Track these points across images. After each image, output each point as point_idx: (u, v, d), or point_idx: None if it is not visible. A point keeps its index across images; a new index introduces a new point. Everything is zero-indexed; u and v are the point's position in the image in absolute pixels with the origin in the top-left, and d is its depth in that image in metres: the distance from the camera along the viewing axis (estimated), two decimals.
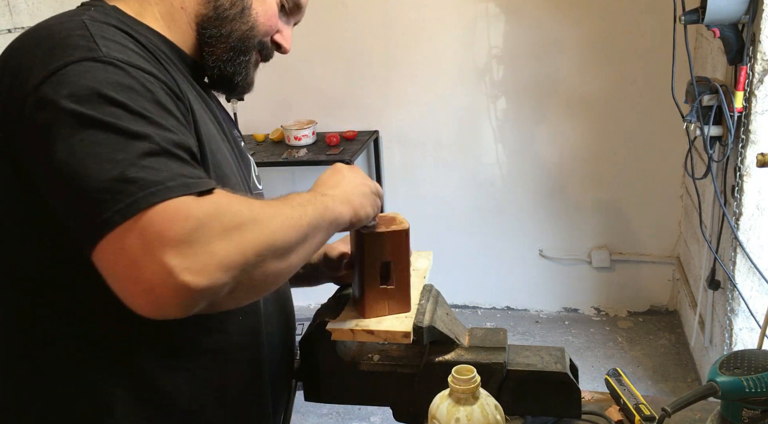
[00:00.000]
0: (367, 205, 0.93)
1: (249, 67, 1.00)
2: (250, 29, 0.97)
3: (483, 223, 3.45)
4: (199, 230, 0.69)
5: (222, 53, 0.97)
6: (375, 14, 3.24)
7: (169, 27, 0.94)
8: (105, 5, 0.91)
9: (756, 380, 0.89)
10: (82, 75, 0.74)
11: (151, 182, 0.69)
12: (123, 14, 0.90)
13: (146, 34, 0.90)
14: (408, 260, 1.01)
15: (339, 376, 1.05)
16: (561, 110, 3.22)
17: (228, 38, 0.96)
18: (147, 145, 0.72)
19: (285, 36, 1.04)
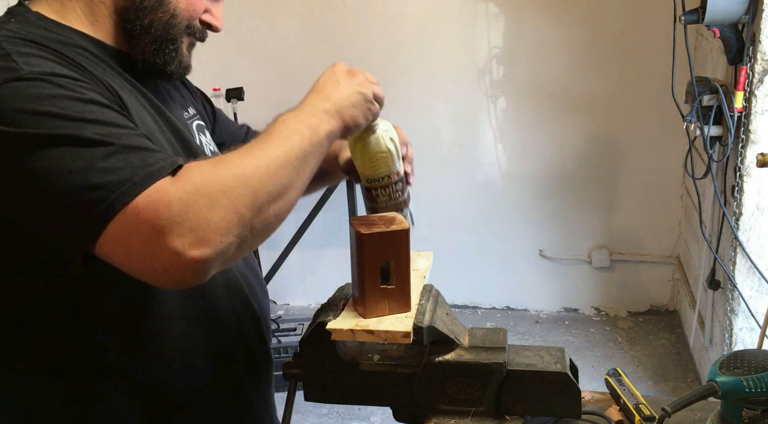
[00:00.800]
0: (358, 115, 0.95)
1: (180, 53, 0.98)
2: (172, 17, 0.94)
3: (483, 223, 3.45)
4: (186, 208, 0.72)
5: (147, 45, 0.95)
6: (375, 14, 3.24)
7: (92, 23, 0.93)
8: (27, 12, 0.90)
9: (756, 380, 0.89)
10: (13, 98, 0.75)
11: (118, 182, 0.72)
12: (45, 19, 0.89)
13: (69, 35, 0.89)
14: (408, 260, 1.01)
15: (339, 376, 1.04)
16: (561, 110, 3.22)
17: (150, 29, 0.93)
18: (101, 148, 0.74)
19: (215, 14, 1.01)
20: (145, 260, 0.73)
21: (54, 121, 0.74)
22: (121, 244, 0.73)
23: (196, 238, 0.71)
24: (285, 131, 0.84)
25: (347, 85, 0.96)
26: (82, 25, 0.92)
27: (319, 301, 1.10)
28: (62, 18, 0.91)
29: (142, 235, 0.71)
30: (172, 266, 0.72)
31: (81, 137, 0.74)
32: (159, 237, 0.71)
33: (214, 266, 0.74)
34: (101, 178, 0.72)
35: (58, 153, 0.73)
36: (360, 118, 0.96)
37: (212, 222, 0.72)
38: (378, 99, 1.00)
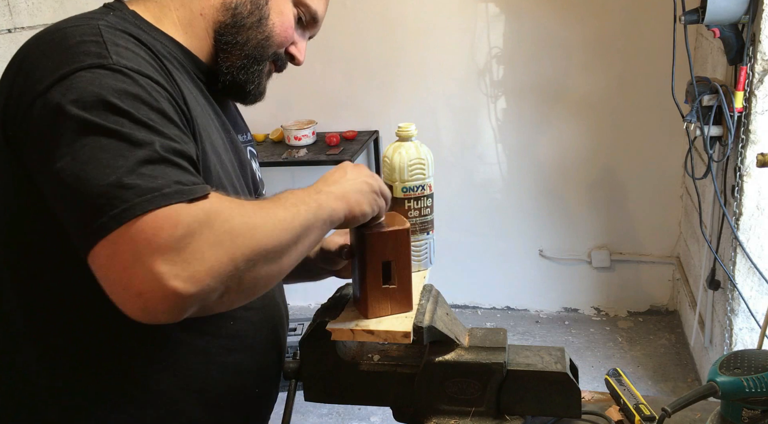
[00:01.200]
0: (363, 202, 0.93)
1: (262, 76, 1.02)
2: (266, 39, 0.98)
3: (483, 223, 3.45)
4: (189, 236, 0.70)
5: (236, 60, 0.98)
6: (375, 14, 3.24)
7: (186, 33, 0.95)
8: (125, 9, 0.92)
9: (756, 380, 0.89)
10: (90, 82, 0.76)
11: (147, 189, 0.71)
12: (140, 20, 0.92)
13: (161, 40, 0.91)
14: (409, 259, 1.01)
15: (339, 376, 1.05)
16: (561, 110, 3.22)
17: (244, 46, 0.97)
18: (146, 152, 0.73)
19: (299, 48, 1.06)
20: (125, 275, 0.69)
21: (115, 116, 0.74)
22: (112, 252, 0.70)
23: (185, 270, 0.69)
24: (293, 199, 0.84)
25: (354, 176, 0.95)
26: (176, 33, 0.94)
27: (319, 301, 1.10)
28: (158, 22, 0.93)
29: (135, 247, 0.69)
30: (148, 292, 0.69)
31: (131, 137, 0.74)
32: (149, 256, 0.68)
33: (191, 307, 0.71)
34: (133, 180, 0.71)
35: (105, 144, 0.73)
36: (365, 206, 0.93)
37: (207, 261, 0.70)
38: (384, 195, 0.98)
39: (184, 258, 0.69)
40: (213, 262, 0.70)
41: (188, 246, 0.69)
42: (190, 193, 0.73)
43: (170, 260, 0.68)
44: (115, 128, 0.74)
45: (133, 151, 0.73)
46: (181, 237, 0.69)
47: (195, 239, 0.70)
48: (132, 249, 0.69)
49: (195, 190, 0.74)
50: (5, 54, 2.49)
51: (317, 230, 0.86)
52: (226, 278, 0.72)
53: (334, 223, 0.89)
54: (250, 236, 0.74)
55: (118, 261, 0.70)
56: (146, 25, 0.92)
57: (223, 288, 0.72)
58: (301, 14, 1.03)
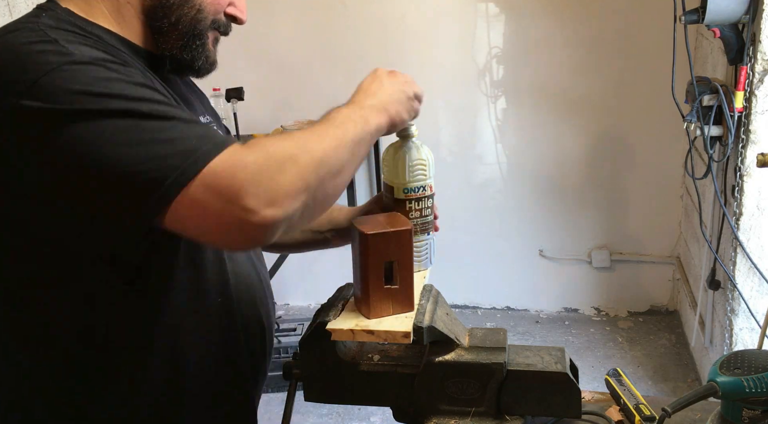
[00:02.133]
0: (402, 111, 1.00)
1: (207, 49, 0.99)
2: (198, 12, 0.95)
3: (483, 223, 3.45)
4: (260, 171, 0.76)
5: (176, 41, 0.96)
6: (375, 14, 3.24)
7: (118, 23, 0.94)
8: (57, 8, 0.91)
9: (756, 380, 0.89)
10: (70, 80, 0.76)
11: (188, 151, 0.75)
12: (74, 16, 0.90)
13: (99, 33, 0.90)
14: (411, 260, 1.01)
15: (339, 376, 1.04)
16: (561, 110, 3.22)
17: (177, 25, 0.95)
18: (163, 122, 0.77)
19: (239, 7, 1.02)
20: (222, 219, 0.76)
21: (112, 100, 0.76)
22: (197, 206, 0.75)
23: (269, 198, 0.75)
24: (340, 118, 0.89)
25: (390, 84, 1.00)
26: (109, 24, 0.93)
27: (319, 301, 1.10)
28: (89, 16, 0.92)
29: (221, 195, 0.74)
30: (247, 225, 0.75)
31: (140, 111, 0.77)
32: (236, 197, 0.74)
33: (281, 227, 0.78)
34: (168, 149, 0.75)
35: (121, 126, 0.75)
36: (404, 114, 1.01)
37: (283, 186, 0.76)
38: (419, 97, 1.05)
39: (264, 189, 0.75)
40: (287, 186, 0.77)
41: (263, 178, 0.76)
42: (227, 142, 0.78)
43: (254, 194, 0.75)
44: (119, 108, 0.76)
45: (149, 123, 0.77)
46: (254, 172, 0.75)
47: (265, 171, 0.76)
48: (216, 195, 0.75)
49: (229, 140, 0.79)
50: None
51: (366, 144, 0.91)
52: (303, 195, 0.79)
53: (380, 133, 0.96)
54: (310, 156, 0.80)
55: (208, 208, 0.75)
56: (80, 20, 0.90)
57: (302, 206, 0.79)
58: None
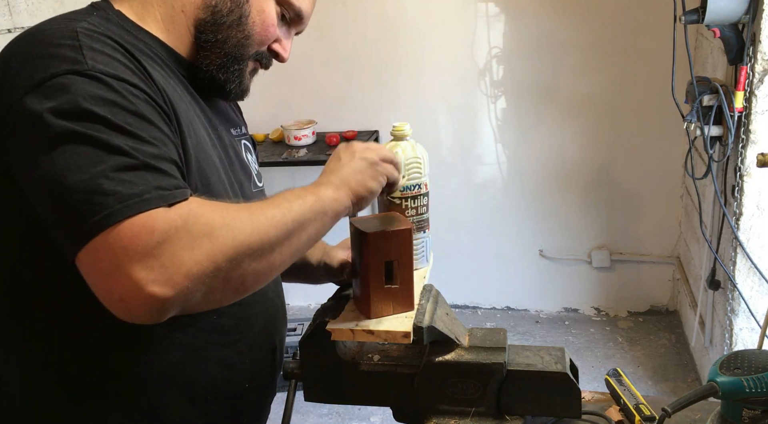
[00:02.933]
0: (366, 180, 0.94)
1: (243, 75, 1.00)
2: (246, 38, 0.97)
3: (483, 223, 3.45)
4: (166, 242, 0.71)
5: (216, 59, 0.97)
6: (375, 14, 3.24)
7: (168, 30, 0.95)
8: (109, 9, 0.92)
9: (756, 380, 0.89)
10: (66, 89, 0.76)
11: (128, 195, 0.72)
12: (125, 19, 0.92)
13: (144, 38, 0.92)
14: (411, 259, 1.01)
15: (339, 376, 1.04)
16: (561, 110, 3.22)
17: (223, 44, 0.96)
18: (125, 159, 0.74)
19: (284, 46, 1.03)
20: (106, 281, 0.72)
21: (92, 123, 0.75)
22: (94, 258, 0.72)
23: (163, 275, 0.70)
24: (287, 195, 0.85)
25: (348, 157, 0.96)
26: (159, 31, 0.94)
27: (319, 301, 1.10)
28: (141, 20, 0.93)
29: (114, 254, 0.71)
30: (129, 297, 0.71)
31: (109, 143, 0.75)
32: (127, 263, 0.70)
33: (172, 308, 0.73)
34: (113, 186, 0.72)
35: (83, 151, 0.74)
36: (369, 182, 0.94)
37: (185, 264, 0.72)
38: (386, 159, 0.99)
39: (161, 263, 0.71)
40: (191, 265, 0.72)
41: (165, 251, 0.71)
42: (171, 198, 0.74)
43: (148, 265, 0.70)
44: (92, 134, 0.74)
45: (111, 158, 0.74)
46: (158, 243, 0.71)
47: (172, 244, 0.71)
48: (111, 256, 0.71)
49: (175, 195, 0.75)
50: None
51: (316, 223, 0.86)
52: (207, 278, 0.73)
53: (340, 212, 0.90)
54: (232, 235, 0.75)
55: (100, 267, 0.72)
56: (130, 24, 0.92)
57: (204, 288, 0.74)
58: (284, 12, 1.01)
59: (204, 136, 0.95)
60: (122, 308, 0.73)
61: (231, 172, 1.02)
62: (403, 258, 0.99)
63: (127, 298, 0.71)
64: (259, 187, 1.12)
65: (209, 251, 0.73)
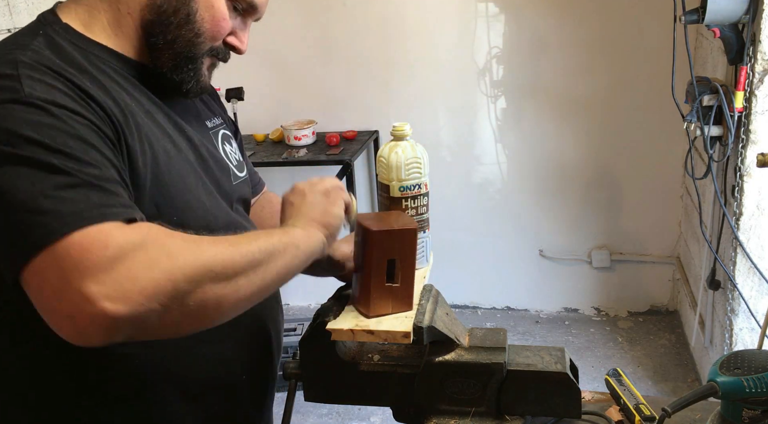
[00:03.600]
0: (328, 207, 0.94)
1: (199, 73, 0.98)
2: (196, 36, 0.94)
3: (483, 223, 3.45)
4: (121, 258, 0.69)
5: (168, 60, 0.94)
6: (375, 14, 3.24)
7: (116, 35, 0.93)
8: (57, 23, 0.91)
9: (756, 380, 0.89)
10: (3, 118, 0.75)
11: (67, 213, 0.70)
12: (72, 33, 0.90)
13: (94, 50, 0.90)
14: (414, 259, 1.01)
15: (339, 376, 1.04)
16: (561, 110, 3.22)
17: (173, 45, 0.93)
18: (65, 177, 0.73)
19: (240, 38, 1.00)
20: (54, 298, 0.69)
21: (30, 146, 0.74)
22: (40, 277, 0.69)
23: (116, 291, 0.67)
24: (252, 233, 0.85)
25: (299, 199, 0.96)
26: (107, 38, 0.93)
27: (319, 301, 1.10)
28: (88, 29, 0.92)
29: (62, 270, 0.68)
30: (79, 314, 0.67)
31: (48, 164, 0.73)
32: (78, 278, 0.67)
33: (124, 329, 0.69)
34: (51, 206, 0.71)
35: (22, 173, 0.72)
36: (331, 208, 0.95)
37: (141, 281, 0.68)
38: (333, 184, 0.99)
39: (114, 278, 0.67)
40: (147, 282, 0.69)
41: (119, 266, 0.68)
42: (117, 216, 0.73)
43: (100, 280, 0.67)
44: (30, 156, 0.73)
45: (49, 177, 0.73)
46: (112, 258, 0.68)
47: (128, 260, 0.69)
48: (59, 272, 0.68)
49: (122, 213, 0.73)
50: None
51: (287, 256, 0.84)
52: (165, 298, 0.70)
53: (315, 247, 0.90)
54: (192, 256, 0.73)
55: (46, 285, 0.69)
56: (77, 37, 0.90)
57: (161, 309, 0.70)
58: (235, 3, 0.97)
59: (168, 143, 0.93)
60: (70, 327, 0.69)
61: (204, 173, 1.00)
62: (406, 258, 0.99)
63: (76, 315, 0.67)
64: (241, 178, 1.11)
65: (168, 269, 0.70)
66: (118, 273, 0.68)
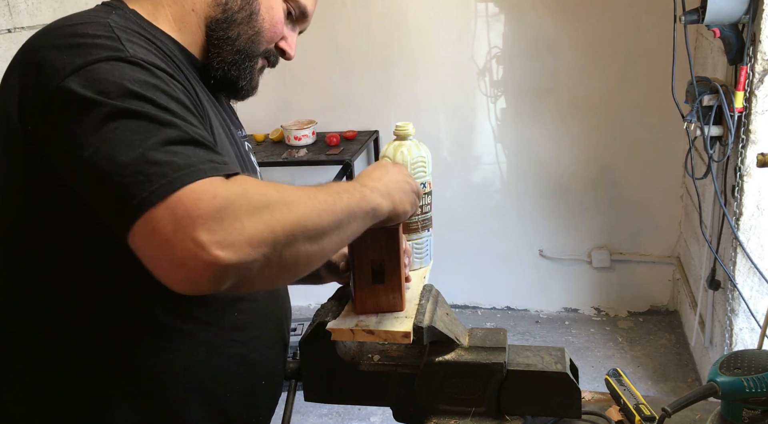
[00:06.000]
0: (406, 201, 0.93)
1: (254, 72, 1.03)
2: (256, 34, 0.99)
3: (483, 223, 3.45)
4: (228, 207, 0.70)
5: (228, 56, 0.99)
6: (375, 14, 3.24)
7: (180, 29, 0.96)
8: (125, 8, 0.93)
9: (756, 380, 0.89)
10: (111, 72, 0.77)
11: (183, 165, 0.72)
12: (140, 18, 0.93)
13: (161, 38, 0.93)
14: (399, 259, 1.00)
15: (339, 376, 1.05)
16: (561, 110, 3.22)
17: (235, 42, 0.98)
18: (176, 132, 0.75)
19: (290, 43, 1.06)
20: (167, 247, 0.70)
21: (139, 102, 0.75)
22: (153, 225, 0.70)
23: (226, 239, 0.69)
24: (337, 187, 0.84)
25: (395, 174, 0.95)
26: (171, 30, 0.96)
27: (319, 301, 1.11)
28: (153, 19, 0.94)
29: (176, 222, 0.69)
30: (192, 261, 0.69)
31: (158, 118, 0.75)
32: (190, 226, 0.69)
33: (231, 276, 0.71)
34: (168, 157, 0.72)
35: (134, 127, 0.74)
36: (407, 206, 0.94)
37: (247, 230, 0.70)
38: (418, 194, 0.99)
39: (224, 227, 0.69)
40: (253, 231, 0.71)
41: (228, 216, 0.70)
42: (225, 170, 0.75)
43: (210, 229, 0.69)
44: (141, 110, 0.75)
45: (163, 131, 0.74)
46: (220, 207, 0.70)
47: (234, 209, 0.70)
48: (173, 221, 0.69)
49: (228, 168, 0.76)
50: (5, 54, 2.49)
51: (360, 220, 0.85)
52: (266, 249, 0.72)
53: (377, 217, 0.89)
54: (289, 211, 0.74)
55: (159, 234, 0.70)
56: (146, 23, 0.93)
57: (263, 259, 0.72)
58: (290, 9, 1.03)
59: (223, 135, 0.97)
60: (183, 275, 0.70)
61: (247, 171, 1.04)
62: (390, 257, 0.99)
63: (189, 262, 0.69)
64: None
65: (268, 221, 0.72)
66: (226, 222, 0.70)
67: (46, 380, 0.91)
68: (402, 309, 1.02)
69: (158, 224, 0.70)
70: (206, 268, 0.69)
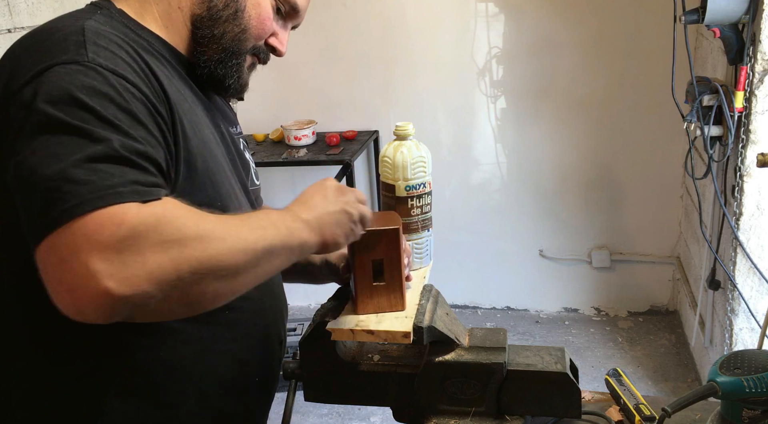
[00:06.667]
0: (339, 235, 0.90)
1: (241, 70, 1.01)
2: (242, 32, 0.98)
3: (483, 223, 3.45)
4: (132, 238, 0.68)
5: (213, 54, 0.98)
6: (375, 14, 3.24)
7: (167, 27, 0.96)
8: (111, 7, 0.93)
9: (756, 380, 0.89)
10: (61, 77, 0.76)
11: (101, 187, 0.70)
12: (126, 17, 0.93)
13: (146, 37, 0.93)
14: (399, 258, 1.00)
15: (339, 376, 1.05)
16: (561, 110, 3.22)
17: (220, 39, 0.97)
18: (105, 149, 0.73)
19: (280, 39, 1.04)
20: (59, 270, 0.69)
21: (80, 112, 0.74)
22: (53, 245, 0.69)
23: (122, 271, 0.67)
24: (263, 221, 0.82)
25: (334, 202, 0.92)
26: (158, 28, 0.95)
27: (319, 301, 1.11)
28: (140, 18, 0.94)
29: (74, 243, 0.68)
30: (80, 288, 0.67)
31: (92, 134, 0.73)
32: (86, 252, 0.67)
33: (123, 310, 0.69)
34: (87, 176, 0.71)
35: (64, 141, 0.73)
36: (340, 238, 0.91)
37: (148, 264, 0.68)
38: (363, 221, 0.95)
39: (122, 259, 0.67)
40: (154, 266, 0.68)
41: (129, 247, 0.68)
42: (146, 195, 0.73)
43: (107, 258, 0.67)
44: (77, 124, 0.73)
45: (91, 147, 0.73)
46: (124, 238, 0.68)
47: (139, 241, 0.68)
48: (71, 244, 0.68)
49: (151, 192, 0.73)
50: None
51: (284, 257, 0.83)
52: (167, 286, 0.70)
53: (305, 252, 0.87)
54: (202, 249, 0.72)
55: (56, 256, 0.69)
56: (132, 22, 0.93)
57: (161, 296, 0.70)
58: (279, 5, 1.02)
59: (208, 135, 0.96)
60: (69, 301, 0.69)
61: (234, 169, 1.03)
62: (392, 256, 0.99)
63: (78, 289, 0.67)
64: (257, 185, 1.13)
65: (176, 258, 0.70)
66: (126, 254, 0.68)
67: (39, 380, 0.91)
68: (402, 309, 1.02)
69: (58, 244, 0.69)
70: (93, 298, 0.67)
